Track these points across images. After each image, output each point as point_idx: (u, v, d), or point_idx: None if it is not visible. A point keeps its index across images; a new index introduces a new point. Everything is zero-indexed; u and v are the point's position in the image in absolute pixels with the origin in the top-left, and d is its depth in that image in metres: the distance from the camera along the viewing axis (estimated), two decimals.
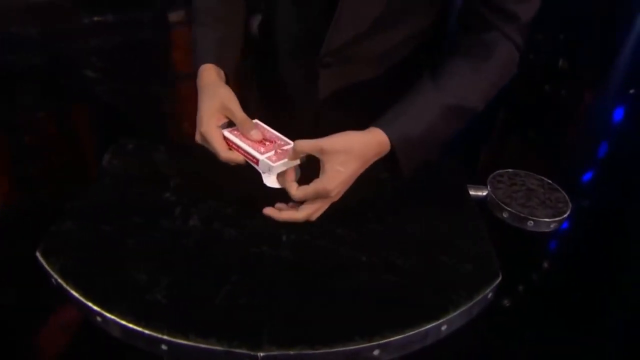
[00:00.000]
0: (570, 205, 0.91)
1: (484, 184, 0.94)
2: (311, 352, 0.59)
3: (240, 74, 0.89)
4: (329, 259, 0.71)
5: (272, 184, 0.73)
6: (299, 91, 0.92)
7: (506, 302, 1.65)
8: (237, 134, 0.75)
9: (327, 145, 0.68)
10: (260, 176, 0.73)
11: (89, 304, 0.62)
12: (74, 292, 0.63)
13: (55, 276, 0.65)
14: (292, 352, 0.58)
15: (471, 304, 0.67)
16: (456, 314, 0.65)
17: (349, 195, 0.73)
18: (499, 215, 0.91)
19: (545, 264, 1.89)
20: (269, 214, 0.73)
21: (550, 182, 0.97)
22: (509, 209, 0.89)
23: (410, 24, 0.81)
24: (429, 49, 0.87)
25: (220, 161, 0.74)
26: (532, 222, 0.88)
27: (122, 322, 0.60)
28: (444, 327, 0.65)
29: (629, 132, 2.03)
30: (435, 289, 0.68)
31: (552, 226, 0.88)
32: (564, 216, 0.89)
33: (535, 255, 1.89)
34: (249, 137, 0.74)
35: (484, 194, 0.93)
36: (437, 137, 0.76)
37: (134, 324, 0.60)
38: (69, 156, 1.90)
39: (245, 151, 0.73)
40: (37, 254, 0.68)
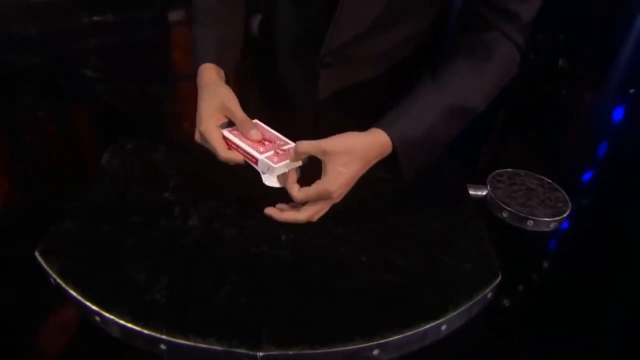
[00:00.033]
0: (570, 204, 0.91)
1: (484, 183, 0.94)
2: (310, 352, 0.58)
3: (240, 74, 0.89)
4: (328, 259, 0.71)
5: (271, 184, 0.73)
6: (299, 91, 0.92)
7: (506, 302, 1.65)
8: (237, 134, 0.75)
9: (329, 146, 0.68)
10: (259, 176, 0.73)
11: (88, 303, 0.61)
12: (72, 292, 0.63)
13: (54, 276, 0.65)
14: (291, 352, 0.58)
15: (471, 304, 0.66)
16: (456, 313, 0.65)
17: (348, 195, 0.73)
18: (499, 214, 0.90)
19: (545, 264, 1.89)
20: (271, 214, 0.73)
21: (550, 181, 0.97)
22: (509, 208, 0.89)
23: (410, 24, 0.81)
24: (429, 49, 0.87)
25: (219, 161, 0.74)
26: (531, 221, 0.88)
27: (121, 321, 0.60)
28: (444, 327, 0.65)
29: (628, 131, 2.03)
30: (434, 289, 0.68)
31: (551, 226, 0.88)
32: (564, 216, 0.89)
33: (535, 255, 1.88)
34: (249, 136, 0.74)
35: (484, 193, 0.93)
36: (439, 138, 0.75)
37: (133, 324, 0.59)
38: (69, 156, 1.90)
39: (244, 151, 0.73)
40: (36, 254, 0.68)
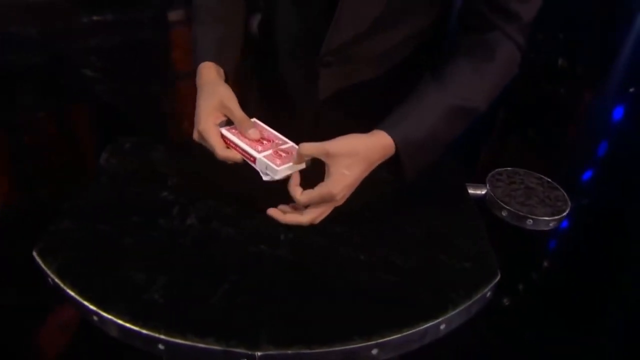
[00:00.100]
0: (569, 203, 0.91)
1: (484, 183, 0.94)
2: (309, 351, 0.58)
3: (240, 73, 0.89)
4: (327, 258, 0.71)
5: (270, 179, 0.72)
6: (299, 91, 0.92)
7: (506, 301, 1.65)
8: (235, 132, 0.75)
9: (332, 148, 0.68)
10: (258, 175, 0.73)
11: (86, 303, 0.61)
12: (70, 292, 0.63)
13: (52, 276, 0.65)
14: (290, 352, 0.58)
15: (470, 303, 0.66)
16: (455, 312, 0.65)
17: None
18: (498, 213, 0.90)
19: (545, 263, 1.88)
20: (273, 215, 0.73)
21: (549, 180, 0.96)
22: (508, 207, 0.88)
23: (410, 24, 0.81)
24: (429, 49, 0.87)
25: (218, 160, 0.74)
26: (531, 220, 0.87)
27: (119, 321, 0.60)
28: (443, 326, 0.65)
29: (628, 131, 2.02)
30: (433, 288, 0.68)
31: (551, 225, 0.88)
32: (563, 215, 0.89)
33: (535, 254, 1.88)
34: (247, 135, 0.74)
35: (483, 192, 0.92)
36: (441, 139, 0.75)
37: (131, 324, 0.59)
38: (68, 156, 1.90)
39: (242, 149, 0.73)
40: (34, 254, 0.67)
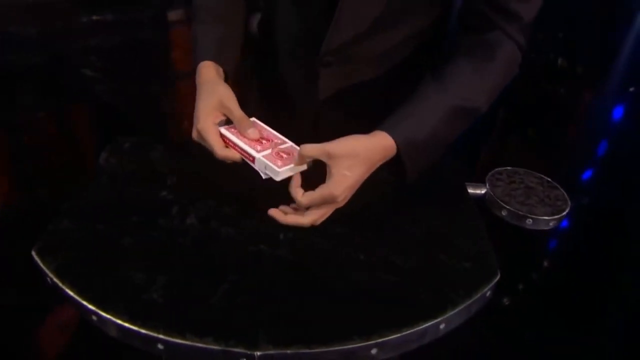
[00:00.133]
0: (569, 203, 0.91)
1: (483, 182, 0.94)
2: (308, 351, 0.58)
3: (240, 73, 0.89)
4: (327, 258, 0.71)
5: (267, 177, 0.72)
6: (299, 91, 0.92)
7: (506, 301, 1.65)
8: (234, 132, 0.74)
9: (334, 149, 0.67)
10: (257, 175, 0.73)
11: (85, 303, 0.61)
12: (69, 292, 0.63)
13: (50, 275, 0.65)
14: (289, 351, 0.58)
15: (469, 303, 0.66)
16: (454, 312, 0.65)
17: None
18: (498, 213, 0.90)
19: (545, 263, 1.88)
20: (274, 216, 0.72)
21: (549, 180, 0.96)
22: (508, 207, 0.88)
23: (410, 24, 0.81)
24: (429, 49, 0.86)
25: (217, 159, 0.74)
26: (531, 220, 0.87)
27: (118, 321, 0.60)
28: (442, 326, 0.65)
29: (628, 130, 2.02)
30: (433, 288, 0.68)
31: (551, 224, 0.88)
32: (563, 214, 0.88)
33: (534, 253, 1.88)
34: (246, 135, 0.74)
35: (483, 192, 0.92)
36: (442, 140, 0.75)
37: (130, 323, 0.59)
38: (68, 156, 1.90)
39: (241, 149, 0.73)
40: (33, 253, 0.67)
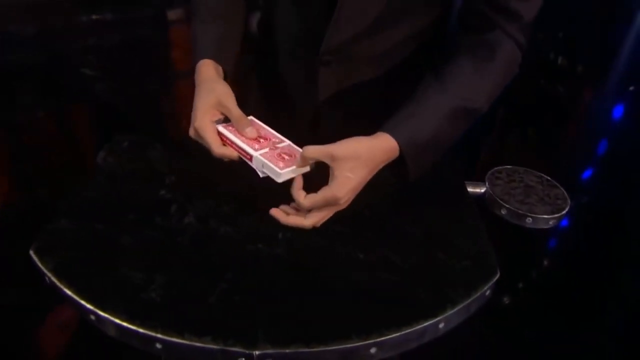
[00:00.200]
0: (569, 201, 0.90)
1: (483, 181, 0.93)
2: (307, 350, 0.58)
3: (239, 73, 0.89)
4: (325, 257, 0.71)
5: (265, 176, 0.72)
6: (299, 90, 0.92)
7: (505, 300, 1.65)
8: (232, 130, 0.74)
9: (337, 151, 0.67)
10: (255, 173, 0.72)
11: (83, 302, 0.61)
12: (67, 291, 0.62)
13: (48, 275, 0.64)
14: (287, 351, 0.58)
15: (469, 302, 0.66)
16: (454, 311, 0.65)
17: None
18: (498, 212, 0.90)
19: (544, 262, 1.88)
20: (275, 216, 0.72)
21: (549, 178, 0.96)
22: (508, 205, 0.88)
23: (410, 23, 0.81)
24: (429, 49, 0.86)
25: (214, 157, 0.73)
26: (530, 218, 0.87)
27: (117, 320, 0.60)
28: (442, 325, 0.65)
29: (628, 129, 2.02)
30: (432, 287, 0.67)
31: (550, 223, 0.88)
32: (563, 213, 0.88)
33: (534, 252, 1.88)
34: (244, 134, 0.73)
35: (482, 190, 0.92)
36: (444, 140, 0.74)
37: (129, 323, 0.59)
38: (68, 156, 1.90)
39: (239, 147, 0.72)
40: (31, 253, 0.67)
